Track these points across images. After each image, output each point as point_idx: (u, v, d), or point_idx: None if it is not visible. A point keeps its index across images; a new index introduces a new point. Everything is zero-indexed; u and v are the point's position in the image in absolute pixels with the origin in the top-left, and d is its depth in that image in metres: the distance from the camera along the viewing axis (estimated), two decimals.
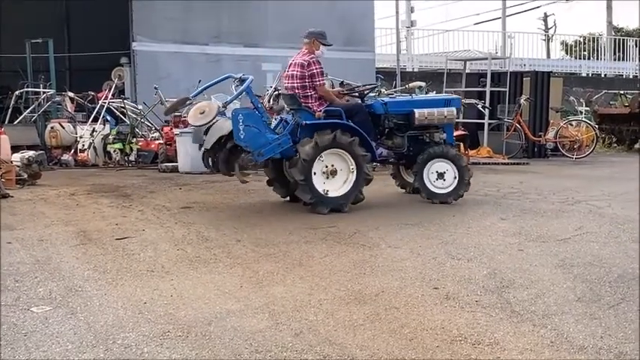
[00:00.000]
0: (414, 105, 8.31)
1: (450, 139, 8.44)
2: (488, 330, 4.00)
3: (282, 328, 4.03)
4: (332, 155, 7.59)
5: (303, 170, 7.39)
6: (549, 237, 6.31)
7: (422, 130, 8.33)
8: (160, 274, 5.12)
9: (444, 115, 8.23)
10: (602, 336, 3.91)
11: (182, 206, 7.87)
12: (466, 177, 8.07)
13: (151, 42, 15.38)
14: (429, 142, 8.31)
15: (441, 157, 8.09)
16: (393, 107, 8.27)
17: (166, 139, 12.18)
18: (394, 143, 8.32)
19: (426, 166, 8.07)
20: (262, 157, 7.47)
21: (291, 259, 5.56)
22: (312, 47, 8.01)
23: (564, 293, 4.66)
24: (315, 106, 7.76)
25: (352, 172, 7.62)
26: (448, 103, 8.45)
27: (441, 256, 5.62)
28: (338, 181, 7.63)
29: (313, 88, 7.81)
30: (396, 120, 8.24)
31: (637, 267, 5.29)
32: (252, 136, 7.36)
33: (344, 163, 7.63)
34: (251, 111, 7.65)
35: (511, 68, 16.14)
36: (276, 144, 7.50)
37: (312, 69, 7.80)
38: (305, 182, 7.41)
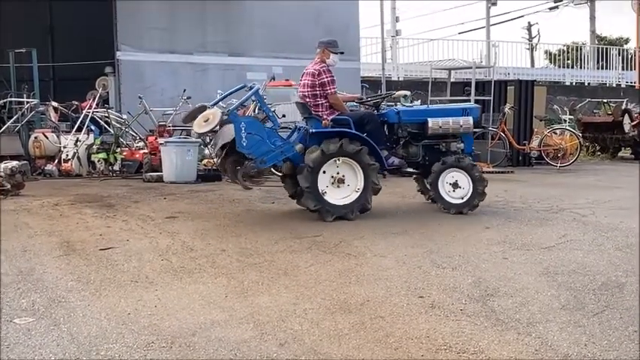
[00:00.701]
0: (428, 114, 8.27)
1: (469, 149, 8.36)
2: (473, 338, 4.00)
3: (267, 338, 4.02)
4: (341, 164, 7.63)
5: (308, 178, 7.46)
6: (533, 245, 6.34)
7: (438, 140, 8.25)
8: (144, 285, 5.09)
9: (459, 124, 8.15)
10: (586, 344, 3.92)
11: (167, 216, 7.84)
12: (480, 187, 7.92)
13: (136, 51, 15.36)
14: (446, 151, 8.22)
15: (455, 167, 7.97)
16: (407, 116, 8.23)
17: (151, 149, 12.14)
18: (408, 152, 8.26)
19: (441, 176, 7.98)
20: (265, 165, 7.62)
21: (277, 268, 5.55)
22: (323, 56, 8.15)
23: (548, 301, 4.68)
24: (326, 114, 7.85)
25: (360, 181, 7.63)
26: (466, 113, 8.34)
27: (426, 265, 5.63)
28: (345, 189, 7.65)
29: (324, 96, 7.89)
30: (410, 129, 8.20)
31: (620, 274, 5.33)
32: (254, 143, 7.45)
33: (352, 172, 7.66)
34: (253, 119, 7.78)
35: (495, 77, 16.22)
36: (279, 152, 7.61)
37: (323, 77, 7.91)
38: (310, 190, 7.48)
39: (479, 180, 7.93)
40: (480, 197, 7.97)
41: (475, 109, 8.61)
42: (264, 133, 7.59)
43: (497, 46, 27.39)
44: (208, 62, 16.11)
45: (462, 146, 8.23)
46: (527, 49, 38.90)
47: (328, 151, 7.52)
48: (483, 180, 7.98)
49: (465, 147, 8.29)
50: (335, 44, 8.26)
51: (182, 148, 11.17)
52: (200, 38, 16.17)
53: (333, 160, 7.58)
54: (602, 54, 29.77)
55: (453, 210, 7.92)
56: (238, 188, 10.27)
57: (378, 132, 7.97)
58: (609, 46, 32.61)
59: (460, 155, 8.11)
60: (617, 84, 27.94)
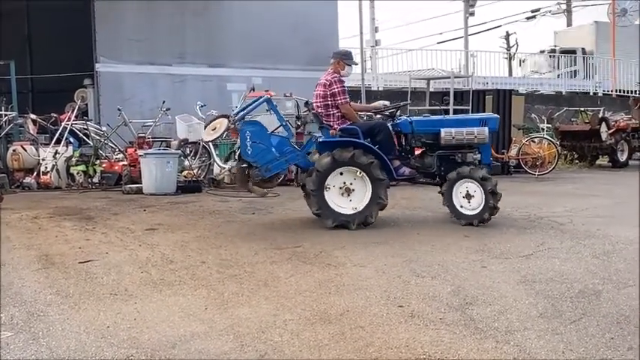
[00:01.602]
0: (442, 124, 8.20)
1: (486, 160, 8.24)
2: (452, 347, 4.02)
3: (247, 349, 4.02)
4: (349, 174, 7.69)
5: (315, 181, 7.59)
6: (512, 253, 6.39)
7: (453, 150, 8.14)
8: (123, 298, 5.07)
9: (473, 135, 8.02)
10: (563, 351, 3.96)
11: (146, 228, 7.82)
12: (491, 201, 7.73)
13: (115, 63, 15.33)
14: (461, 162, 8.09)
15: (469, 178, 7.84)
16: (420, 126, 8.20)
17: (130, 161, 12.11)
18: (423, 163, 8.22)
19: (455, 187, 7.90)
20: (269, 173, 7.79)
21: (257, 279, 5.55)
22: (337, 67, 8.26)
23: (526, 309, 4.71)
24: (337, 124, 7.95)
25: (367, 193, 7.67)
26: (484, 123, 8.20)
27: (405, 274, 5.66)
28: (352, 199, 7.72)
29: (336, 106, 7.99)
30: (424, 139, 8.20)
31: (597, 282, 5.38)
32: (259, 152, 7.68)
33: (362, 183, 7.71)
34: (258, 128, 7.88)
35: (474, 86, 16.35)
36: (283, 160, 7.81)
37: (334, 88, 8.02)
38: (316, 193, 7.59)
39: (491, 193, 7.73)
40: (490, 211, 7.77)
41: (493, 120, 8.45)
42: (269, 141, 7.77)
43: (476, 55, 27.60)
44: (187, 73, 16.12)
45: (478, 157, 8.11)
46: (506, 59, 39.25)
47: (340, 158, 7.61)
48: (496, 194, 7.76)
49: (483, 158, 8.17)
50: (349, 56, 8.44)
51: (161, 159, 11.15)
52: (179, 49, 16.17)
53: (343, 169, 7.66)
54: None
55: (463, 221, 7.82)
56: (218, 199, 10.30)
57: (388, 142, 7.97)
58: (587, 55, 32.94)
59: (474, 166, 7.96)
60: (594, 92, 28.21)
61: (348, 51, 8.63)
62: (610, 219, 8.43)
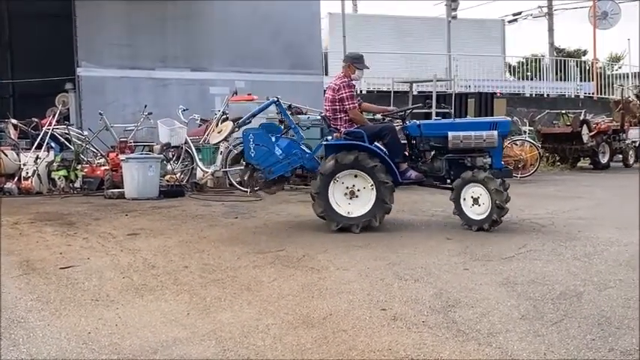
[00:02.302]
0: (450, 127, 8.07)
1: (498, 164, 8.00)
2: (435, 350, 4.03)
3: (230, 354, 4.00)
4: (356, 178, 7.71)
5: (319, 184, 7.68)
6: (494, 256, 6.41)
7: (462, 154, 8.00)
8: (104, 303, 5.04)
9: (482, 138, 7.84)
10: (545, 353, 3.98)
11: (128, 233, 7.77)
12: (497, 200, 7.50)
13: (96, 67, 15.27)
14: (471, 166, 7.94)
15: (474, 182, 7.66)
16: (428, 130, 8.12)
17: (112, 165, 12.04)
18: (432, 166, 8.12)
19: (462, 192, 7.74)
20: (272, 175, 7.93)
21: (239, 284, 5.53)
22: (348, 71, 8.26)
23: (508, 311, 4.73)
24: (344, 127, 7.99)
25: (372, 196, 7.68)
26: (494, 127, 7.98)
27: (388, 277, 5.66)
28: (357, 203, 7.72)
29: (344, 111, 8.02)
30: (433, 143, 8.07)
31: (578, 283, 5.41)
32: (262, 154, 7.85)
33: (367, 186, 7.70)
34: (261, 131, 8.01)
35: (456, 90, 16.43)
36: (286, 162, 7.92)
37: (342, 93, 8.05)
38: (319, 196, 7.67)
39: (495, 193, 7.51)
40: (498, 212, 7.54)
41: (504, 123, 8.22)
42: (272, 144, 7.91)
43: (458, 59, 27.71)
44: (170, 77, 16.08)
45: (488, 161, 7.92)
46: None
47: (343, 161, 7.62)
48: (501, 193, 7.53)
49: (494, 162, 7.95)
50: (361, 60, 8.39)
51: (144, 164, 11.10)
52: (161, 53, 16.13)
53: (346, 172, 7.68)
54: (561, 66, 30.32)
55: (474, 227, 7.63)
56: (201, 204, 10.27)
57: (395, 145, 7.96)
58: (568, 58, 33.24)
59: (478, 170, 7.79)
60: (576, 95, 28.45)
61: (360, 54, 8.57)
62: (591, 221, 8.48)
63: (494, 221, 7.55)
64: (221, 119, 12.56)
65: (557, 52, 37.57)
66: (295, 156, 7.96)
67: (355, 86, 8.41)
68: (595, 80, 29.71)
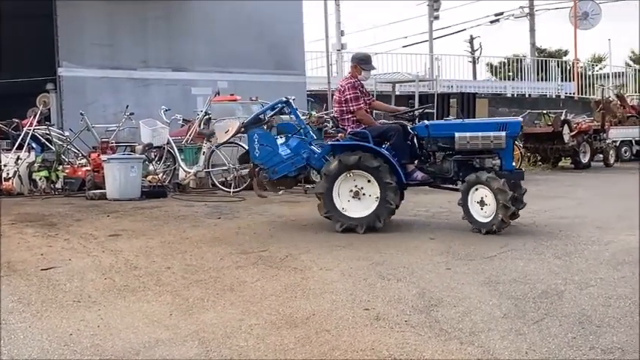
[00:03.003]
0: (457, 128, 7.88)
1: (508, 166, 7.74)
2: (417, 349, 4.04)
3: (213, 355, 3.99)
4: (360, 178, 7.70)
5: (323, 185, 7.73)
6: (476, 255, 6.45)
7: (470, 155, 7.80)
8: (86, 305, 5.01)
9: (489, 139, 7.61)
10: (526, 351, 4.00)
11: (110, 234, 7.73)
12: (500, 199, 7.29)
13: (78, 67, 15.17)
14: (479, 168, 7.73)
15: (478, 184, 7.48)
16: (435, 130, 7.95)
17: (94, 166, 11.97)
18: (440, 168, 7.95)
19: (469, 195, 7.56)
20: (276, 175, 8.10)
21: (222, 284, 5.52)
22: (354, 72, 8.28)
23: (490, 310, 4.76)
24: (350, 128, 7.98)
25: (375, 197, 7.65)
26: (503, 127, 7.71)
27: (371, 277, 5.67)
28: (361, 204, 7.71)
29: (350, 111, 8.02)
30: (441, 143, 7.88)
31: (559, 282, 5.45)
32: (266, 154, 8.00)
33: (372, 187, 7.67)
34: (266, 131, 8.15)
35: (439, 90, 16.50)
36: (289, 163, 8.03)
37: (346, 94, 8.06)
38: (323, 196, 7.71)
39: (499, 192, 7.30)
40: (504, 211, 7.31)
41: (513, 124, 7.91)
42: (276, 145, 8.08)
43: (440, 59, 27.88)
44: (151, 77, 16.01)
45: (497, 162, 7.69)
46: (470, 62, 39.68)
47: (347, 162, 7.63)
48: (505, 192, 7.30)
49: (504, 163, 7.71)
50: (367, 61, 8.41)
51: (125, 164, 11.04)
52: (143, 54, 16.06)
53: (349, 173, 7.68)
54: (542, 66, 30.51)
55: (483, 230, 7.41)
56: (183, 204, 10.24)
57: (401, 146, 7.87)
58: (549, 58, 33.49)
59: (483, 171, 7.59)
60: (557, 95, 28.65)
61: (366, 55, 8.59)
62: (572, 220, 8.54)
63: (502, 221, 7.34)
64: (204, 120, 12.53)
65: (539, 53, 37.82)
66: (299, 156, 8.03)
67: (362, 86, 8.34)
68: (576, 80, 29.94)
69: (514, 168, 7.93)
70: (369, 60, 8.47)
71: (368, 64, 8.38)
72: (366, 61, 8.39)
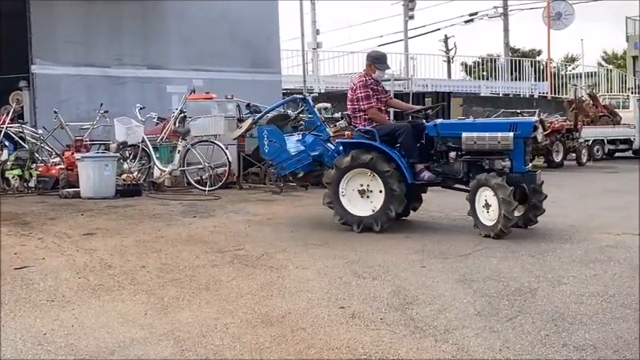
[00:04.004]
0: (465, 128, 7.65)
1: (519, 168, 7.39)
2: (392, 347, 4.07)
3: (188, 354, 3.99)
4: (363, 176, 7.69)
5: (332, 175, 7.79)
6: (450, 253, 6.50)
7: (480, 156, 7.53)
8: (60, 304, 4.98)
9: (496, 140, 7.33)
10: (500, 349, 4.04)
11: (84, 233, 7.68)
12: (503, 209, 6.98)
13: (51, 65, 15.01)
14: (489, 169, 7.45)
15: (485, 186, 7.22)
16: (444, 129, 7.77)
17: (67, 164, 11.86)
18: (451, 168, 7.76)
19: (476, 196, 7.32)
20: (284, 171, 8.25)
21: (198, 283, 5.51)
22: (369, 70, 8.22)
23: (465, 308, 4.80)
24: (362, 126, 7.96)
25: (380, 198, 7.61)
26: (514, 128, 7.39)
27: (347, 276, 5.69)
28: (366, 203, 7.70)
29: (362, 109, 7.99)
30: (450, 143, 7.68)
31: (532, 280, 5.51)
32: (274, 151, 8.14)
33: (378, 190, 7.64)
34: (274, 128, 8.21)
35: (414, 89, 16.57)
36: (296, 160, 8.12)
37: (358, 93, 8.03)
38: (330, 186, 7.78)
39: (502, 202, 7.00)
40: (504, 222, 7.01)
41: (524, 125, 7.54)
42: (284, 142, 8.19)
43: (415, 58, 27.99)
44: (126, 75, 15.88)
45: (507, 164, 7.35)
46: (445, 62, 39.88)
47: (359, 159, 7.63)
48: (509, 203, 6.98)
49: (514, 165, 7.37)
50: (381, 59, 8.33)
51: (100, 163, 10.96)
52: (117, 51, 15.93)
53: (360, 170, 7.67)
54: (516, 66, 30.75)
55: (483, 233, 7.22)
56: (158, 203, 10.19)
57: (410, 145, 7.74)
58: (522, 58, 33.76)
59: (493, 173, 7.31)
60: (530, 95, 28.89)
61: (380, 54, 8.54)
62: (545, 218, 8.61)
63: (502, 231, 7.06)
64: (179, 118, 12.47)
65: (513, 53, 38.14)
66: (305, 153, 8.11)
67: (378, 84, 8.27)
68: (549, 80, 30.21)
69: (526, 170, 7.54)
70: (384, 59, 8.40)
71: (382, 63, 8.30)
72: (380, 60, 8.31)
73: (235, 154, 12.28)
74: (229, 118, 12.72)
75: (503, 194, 7.00)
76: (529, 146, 7.66)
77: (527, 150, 7.53)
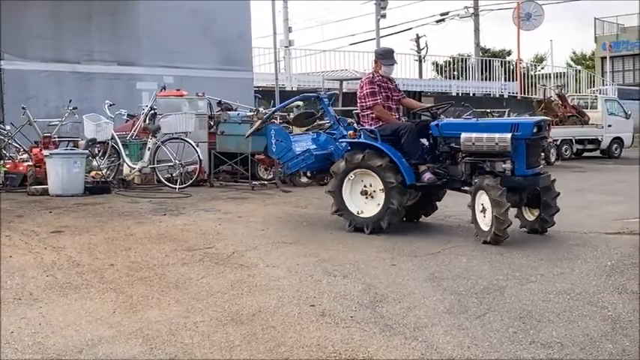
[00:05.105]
0: (465, 128, 7.35)
1: (520, 171, 7.03)
2: (362, 345, 4.09)
3: (157, 353, 3.97)
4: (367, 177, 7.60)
5: (333, 183, 7.75)
6: (421, 251, 6.53)
7: (480, 157, 7.21)
8: (28, 302, 4.92)
9: (494, 141, 6.99)
10: (469, 346, 4.08)
11: (52, 230, 7.59)
12: (495, 212, 6.67)
13: (20, 60, 14.81)
14: (490, 171, 7.10)
15: (481, 189, 6.92)
16: (446, 130, 7.49)
17: (36, 161, 11.72)
18: (454, 170, 7.49)
19: (476, 200, 7.00)
20: (289, 170, 8.35)
21: (167, 281, 5.48)
22: (376, 67, 8.14)
23: (434, 305, 4.83)
24: (368, 125, 7.88)
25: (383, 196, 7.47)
26: (515, 128, 7.01)
27: (317, 274, 5.70)
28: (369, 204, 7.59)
29: (369, 107, 7.88)
30: (453, 144, 7.41)
31: (501, 278, 5.57)
32: (281, 150, 8.19)
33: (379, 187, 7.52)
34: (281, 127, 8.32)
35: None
36: (300, 159, 8.11)
37: (364, 90, 7.95)
38: (333, 194, 7.72)
39: (493, 203, 6.70)
40: (496, 224, 6.67)
41: (525, 125, 7.14)
42: (290, 141, 8.25)
43: None
44: (95, 72, 15.73)
45: (508, 166, 7.00)
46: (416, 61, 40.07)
47: (352, 160, 7.56)
48: (500, 204, 6.65)
49: (516, 168, 7.03)
50: (386, 55, 8.21)
51: (68, 159, 10.84)
52: (87, 47, 15.76)
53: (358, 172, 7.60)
54: (486, 66, 30.99)
55: (481, 240, 6.87)
56: (128, 201, 10.11)
57: (411, 145, 7.52)
58: (493, 58, 34.03)
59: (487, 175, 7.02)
60: (500, 94, 29.14)
61: (386, 50, 8.43)
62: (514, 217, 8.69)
63: (495, 234, 6.71)
64: (149, 115, 12.38)
65: (483, 53, 38.42)
66: (308, 152, 8.12)
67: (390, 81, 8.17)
68: (519, 80, 30.50)
69: (528, 173, 7.12)
70: (388, 54, 8.25)
71: (387, 58, 8.14)
72: (384, 55, 8.19)
73: (206, 151, 12.23)
74: (200, 115, 12.64)
75: (494, 195, 6.71)
76: (538, 147, 7.37)
77: (533, 151, 7.16)
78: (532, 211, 7.48)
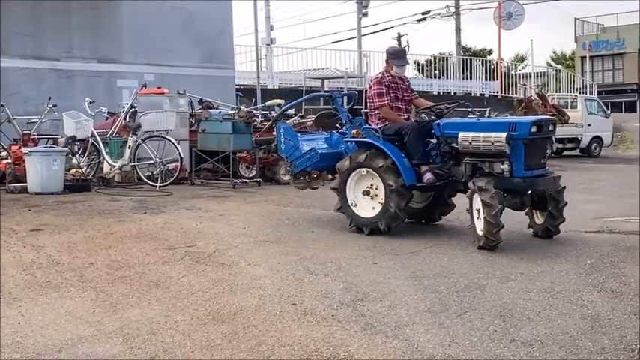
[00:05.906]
0: (465, 127, 7.15)
1: (518, 172, 6.77)
2: (344, 343, 4.09)
3: (137, 352, 3.95)
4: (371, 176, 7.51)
5: (337, 181, 7.75)
6: (402, 250, 6.55)
7: (479, 158, 6.98)
8: (6, 301, 4.88)
9: (490, 141, 6.78)
10: (450, 344, 4.10)
11: (31, 229, 7.52)
12: (485, 214, 6.45)
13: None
14: (488, 172, 6.87)
15: (476, 191, 6.68)
16: (446, 129, 7.31)
17: (15, 159, 11.61)
18: (450, 170, 7.36)
19: (473, 202, 6.79)
20: (296, 169, 8.24)
21: (148, 280, 5.45)
22: (388, 67, 8.07)
23: (415, 304, 4.85)
24: (375, 124, 7.83)
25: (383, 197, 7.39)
26: (513, 128, 6.77)
27: (299, 272, 5.70)
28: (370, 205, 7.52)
29: (376, 107, 7.83)
30: (453, 144, 7.21)
31: (481, 276, 5.59)
32: (289, 148, 8.22)
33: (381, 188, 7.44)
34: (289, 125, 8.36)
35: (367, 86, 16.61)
36: (306, 158, 8.09)
37: (372, 90, 7.93)
38: (337, 192, 7.70)
39: (484, 205, 6.48)
40: (487, 227, 6.45)
41: (522, 124, 6.87)
42: (297, 140, 8.25)
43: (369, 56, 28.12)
44: (75, 69, 15.59)
45: (506, 167, 6.75)
46: None
47: (356, 159, 7.53)
48: (490, 206, 6.42)
49: (514, 169, 6.78)
50: (397, 55, 8.15)
51: (48, 157, 10.75)
52: (67, 44, 15.63)
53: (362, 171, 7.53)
54: (467, 65, 31.10)
55: (477, 244, 6.63)
56: (108, 199, 10.05)
57: (414, 145, 7.41)
58: (473, 57, 34.16)
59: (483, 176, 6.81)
60: (481, 93, 29.25)
61: (396, 49, 8.38)
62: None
63: (487, 238, 6.50)
64: (130, 112, 12.32)
65: (464, 52, 38.56)
66: (314, 151, 8.08)
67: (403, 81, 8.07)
68: (499, 79, 30.63)
69: (527, 175, 6.86)
70: (399, 54, 8.21)
71: (398, 58, 8.06)
72: (396, 55, 8.11)
73: (187, 149, 12.18)
74: (181, 113, 12.59)
75: (485, 196, 6.49)
76: (539, 147, 7.12)
77: (533, 152, 6.91)
78: (542, 214, 7.24)
